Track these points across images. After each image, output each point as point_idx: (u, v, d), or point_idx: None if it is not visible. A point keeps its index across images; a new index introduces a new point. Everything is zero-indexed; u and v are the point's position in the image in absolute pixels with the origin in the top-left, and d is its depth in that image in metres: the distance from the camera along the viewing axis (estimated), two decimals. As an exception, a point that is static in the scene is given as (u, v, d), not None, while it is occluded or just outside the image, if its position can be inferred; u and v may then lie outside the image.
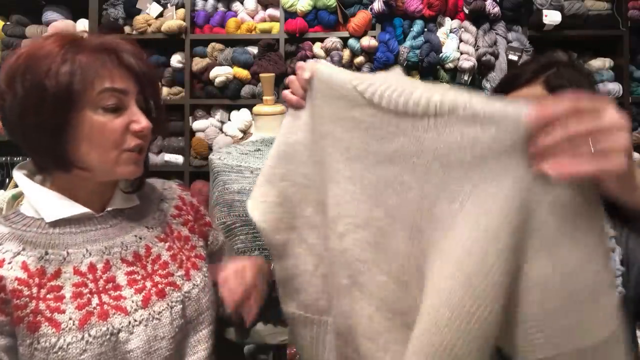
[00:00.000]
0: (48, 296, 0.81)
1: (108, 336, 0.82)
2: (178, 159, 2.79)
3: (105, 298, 0.85)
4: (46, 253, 0.83)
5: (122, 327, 0.84)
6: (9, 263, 0.81)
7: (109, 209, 0.91)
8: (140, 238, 0.92)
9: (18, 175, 0.90)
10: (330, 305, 0.91)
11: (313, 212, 0.91)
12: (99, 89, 0.82)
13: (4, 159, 2.62)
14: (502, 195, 0.67)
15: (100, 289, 0.85)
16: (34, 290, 0.81)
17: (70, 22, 2.81)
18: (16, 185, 2.59)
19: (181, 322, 0.90)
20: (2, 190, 2.63)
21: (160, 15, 2.77)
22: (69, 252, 0.85)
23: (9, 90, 0.81)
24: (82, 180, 0.87)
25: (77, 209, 0.87)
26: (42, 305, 0.80)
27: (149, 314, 0.87)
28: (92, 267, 0.86)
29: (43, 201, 0.86)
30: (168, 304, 0.90)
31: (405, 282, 0.79)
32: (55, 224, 0.86)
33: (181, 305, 0.91)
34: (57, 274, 0.83)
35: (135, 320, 0.85)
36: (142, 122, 0.85)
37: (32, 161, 0.90)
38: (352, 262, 0.83)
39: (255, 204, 0.94)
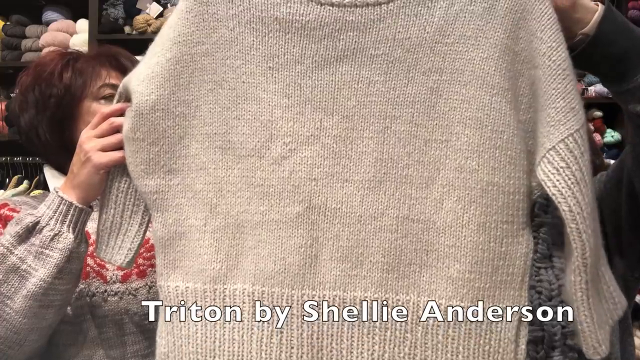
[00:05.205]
0: None
1: (84, 295, 0.93)
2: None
3: (90, 261, 0.95)
4: None
5: (97, 292, 0.94)
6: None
7: None
8: None
9: (46, 168, 1.09)
10: (236, 266, 0.75)
11: (200, 150, 0.75)
12: (98, 85, 1.02)
13: (3, 159, 2.62)
14: (482, 57, 0.70)
15: (89, 252, 0.91)
16: None
17: (70, 22, 2.80)
18: (16, 185, 2.59)
19: None
20: (2, 190, 2.63)
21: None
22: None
23: (25, 101, 1.02)
24: None
25: None
26: None
27: (126, 288, 0.96)
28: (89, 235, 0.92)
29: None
30: (147, 283, 0.97)
31: (378, 181, 0.72)
32: None
33: None
34: None
35: (112, 291, 0.95)
36: None
37: (50, 164, 1.08)
38: (304, 183, 0.72)
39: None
